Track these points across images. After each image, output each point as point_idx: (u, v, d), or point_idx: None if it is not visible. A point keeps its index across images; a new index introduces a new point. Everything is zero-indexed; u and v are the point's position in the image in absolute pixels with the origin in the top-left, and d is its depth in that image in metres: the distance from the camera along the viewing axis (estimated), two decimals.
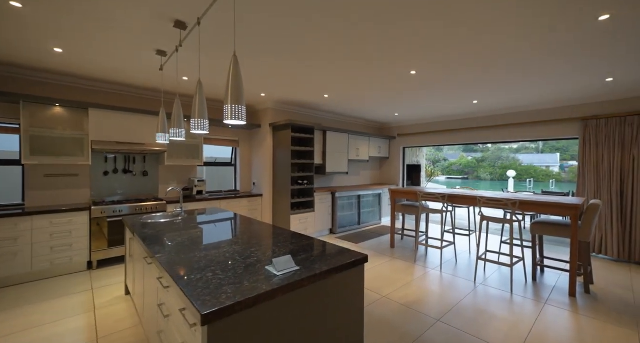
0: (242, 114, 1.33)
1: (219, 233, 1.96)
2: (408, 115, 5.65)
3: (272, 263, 1.34)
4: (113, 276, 3.06)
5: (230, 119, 1.30)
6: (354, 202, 5.49)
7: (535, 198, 3.04)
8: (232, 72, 1.32)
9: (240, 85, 1.33)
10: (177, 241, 1.75)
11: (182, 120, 2.18)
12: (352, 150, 5.77)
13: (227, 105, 1.31)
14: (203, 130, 1.72)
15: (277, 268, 1.26)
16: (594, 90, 3.59)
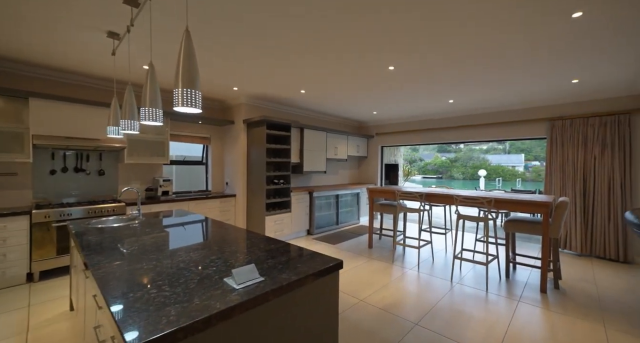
0: (197, 101, 1.13)
1: (178, 240, 1.73)
2: (386, 114, 5.63)
3: (232, 274, 1.16)
4: (59, 288, 2.70)
5: (181, 105, 1.10)
6: (332, 202, 5.37)
7: (509, 196, 3.08)
8: (183, 50, 1.12)
9: (194, 66, 1.13)
10: (125, 249, 1.51)
11: (135, 111, 1.92)
12: (331, 148, 5.65)
13: (177, 89, 1.11)
14: (156, 121, 1.49)
15: (236, 280, 1.08)
16: (561, 91, 3.73)
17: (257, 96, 4.33)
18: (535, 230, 2.83)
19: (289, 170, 4.60)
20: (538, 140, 21.25)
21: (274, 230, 4.32)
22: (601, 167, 3.76)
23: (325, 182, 6.04)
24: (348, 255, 3.85)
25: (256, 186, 4.34)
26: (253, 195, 4.41)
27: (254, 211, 4.40)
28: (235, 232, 1.92)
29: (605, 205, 3.70)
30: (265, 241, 1.71)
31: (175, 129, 4.29)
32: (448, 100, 4.40)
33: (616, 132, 3.66)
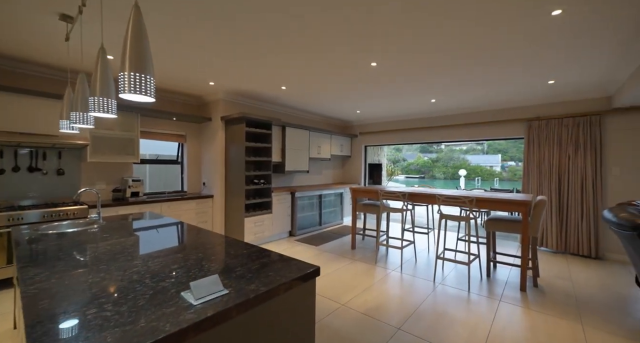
0: (148, 88, 0.97)
1: (138, 247, 1.55)
2: (370, 113, 5.58)
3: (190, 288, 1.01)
4: (6, 303, 2.40)
5: (128, 91, 0.94)
6: (314, 202, 5.25)
7: (489, 195, 3.09)
8: (131, 27, 0.96)
9: (144, 47, 0.97)
10: (72, 260, 1.31)
11: (88, 102, 1.71)
12: (314, 147, 5.53)
13: (123, 73, 0.95)
14: (108, 112, 1.31)
15: (195, 294, 0.93)
16: (537, 92, 3.81)
17: (236, 92, 4.14)
18: (515, 229, 2.85)
19: (269, 170, 4.43)
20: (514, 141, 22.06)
21: (253, 233, 4.14)
22: (575, 166, 3.88)
23: (308, 182, 5.91)
24: (331, 257, 3.75)
25: (235, 186, 4.15)
26: (232, 196, 4.21)
27: (232, 213, 4.20)
28: (206, 237, 1.76)
29: (579, 203, 3.82)
30: (237, 246, 1.56)
31: (147, 126, 4.01)
32: (430, 100, 4.40)
33: (588, 133, 3.78)
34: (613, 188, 3.70)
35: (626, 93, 3.21)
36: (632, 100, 3.34)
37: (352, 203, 4.12)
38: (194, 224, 4.10)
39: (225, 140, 4.32)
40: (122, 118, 3.52)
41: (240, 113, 3.91)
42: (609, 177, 3.72)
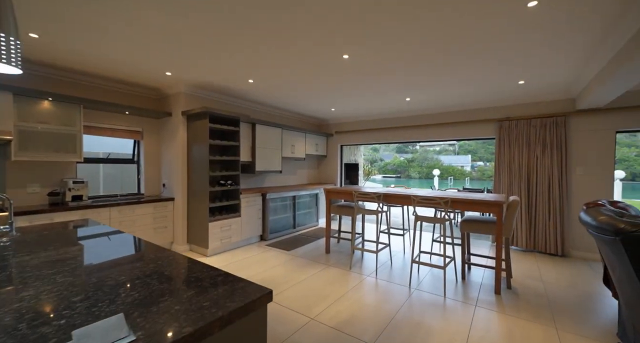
0: (11, 54, 0.68)
1: (40, 271, 1.21)
2: (345, 112, 5.42)
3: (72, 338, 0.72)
4: None
5: None
6: (288, 204, 4.99)
7: (464, 196, 3.02)
8: None
9: None
10: None
11: None
12: (287, 146, 5.27)
13: None
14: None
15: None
16: (508, 92, 3.83)
17: (199, 85, 3.77)
18: (489, 230, 2.79)
19: (238, 170, 4.11)
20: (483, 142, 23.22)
21: (219, 238, 3.80)
22: (542, 166, 3.96)
23: (282, 183, 5.64)
24: (303, 262, 3.51)
25: (198, 188, 3.78)
26: (195, 199, 3.84)
27: (195, 217, 3.83)
28: (141, 252, 1.45)
29: (546, 202, 3.90)
30: (176, 264, 1.28)
31: (93, 120, 3.53)
32: (405, 98, 4.31)
33: (554, 133, 3.87)
34: (577, 187, 3.81)
35: (588, 95, 3.29)
36: (593, 103, 3.44)
37: (326, 205, 3.92)
38: (152, 230, 3.68)
39: (187, 138, 3.93)
40: (59, 110, 3.04)
41: (203, 107, 3.55)
42: (573, 176, 3.83)
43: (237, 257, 3.68)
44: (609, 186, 3.62)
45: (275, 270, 3.25)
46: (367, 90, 3.89)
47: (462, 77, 3.32)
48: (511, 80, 3.37)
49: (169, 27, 2.19)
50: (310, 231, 5.20)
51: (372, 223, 5.99)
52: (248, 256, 3.74)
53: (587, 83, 3.27)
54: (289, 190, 4.89)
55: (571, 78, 3.26)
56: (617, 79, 2.69)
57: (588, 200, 3.73)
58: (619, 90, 3.00)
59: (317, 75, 3.30)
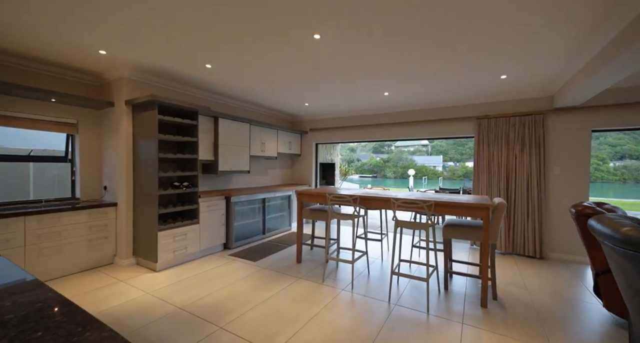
0: None
1: None
2: (320, 107, 5.04)
3: None
4: None
5: None
6: (257, 207, 4.52)
7: (449, 199, 2.75)
8: None
9: None
10: None
11: None
12: (256, 144, 4.79)
13: None
14: None
15: None
16: (489, 88, 3.67)
17: (146, 69, 3.19)
18: (475, 236, 2.54)
19: (196, 170, 3.57)
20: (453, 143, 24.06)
21: (172, 249, 3.25)
22: (521, 165, 3.84)
23: (251, 184, 5.14)
24: (270, 275, 3.08)
25: (147, 191, 3.21)
26: (143, 204, 3.26)
27: (143, 225, 3.25)
28: None
29: (525, 203, 3.79)
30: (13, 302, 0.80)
31: (11, 108, 2.84)
32: (383, 93, 4.02)
33: (533, 132, 3.77)
34: (554, 187, 3.74)
35: (568, 92, 3.19)
36: (571, 101, 3.36)
37: (298, 209, 3.51)
38: (85, 243, 3.06)
39: (132, 132, 3.34)
40: None
41: (150, 95, 2.99)
42: (550, 176, 3.75)
43: (192, 271, 3.16)
44: (584, 186, 3.56)
45: (236, 286, 2.79)
46: (342, 81, 3.54)
47: (443, 71, 3.08)
48: (494, 74, 3.18)
49: None
50: (283, 236, 4.76)
51: (349, 226, 5.68)
52: (206, 269, 3.23)
53: (569, 78, 3.16)
54: (258, 192, 4.42)
55: (554, 72, 3.13)
56: (602, 75, 2.56)
57: (565, 200, 3.66)
58: (601, 86, 2.89)
59: (286, 60, 2.89)
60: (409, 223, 2.59)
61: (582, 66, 2.81)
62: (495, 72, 3.11)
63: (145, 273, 3.09)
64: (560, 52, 2.63)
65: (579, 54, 2.66)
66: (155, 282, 2.87)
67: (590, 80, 2.72)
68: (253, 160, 5.14)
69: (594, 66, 2.59)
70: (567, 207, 3.64)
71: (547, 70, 3.04)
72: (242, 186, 4.96)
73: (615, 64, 2.26)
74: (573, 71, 2.99)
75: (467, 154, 36.67)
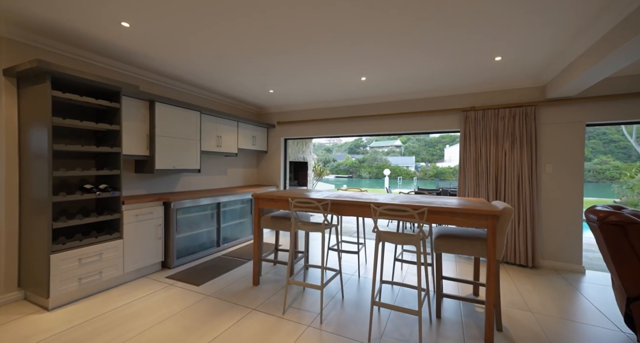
0: None
1: None
2: (287, 96, 4.34)
3: None
4: None
5: None
6: (210, 214, 3.71)
7: (442, 203, 2.19)
8: None
9: None
10: None
11: None
12: (210, 137, 3.97)
13: None
14: None
15: None
16: (481, 72, 3.19)
17: (36, 26, 2.28)
18: (476, 250, 2.00)
19: (118, 168, 2.71)
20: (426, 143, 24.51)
21: (77, 277, 2.37)
22: (511, 163, 3.44)
23: (204, 185, 4.30)
24: (215, 306, 2.32)
25: (38, 196, 2.30)
26: (33, 215, 2.34)
27: (32, 245, 2.33)
28: None
29: (515, 206, 3.39)
30: None
31: None
32: (360, 78, 3.42)
33: (524, 125, 3.38)
34: (546, 188, 3.37)
35: (564, 81, 2.82)
36: (566, 91, 2.98)
37: (254, 217, 2.79)
38: None
39: (18, 114, 2.41)
40: None
41: (36, 61, 2.10)
42: (542, 175, 3.38)
43: (106, 306, 2.31)
44: (578, 186, 3.22)
45: (164, 327, 2.01)
46: (310, 63, 2.88)
47: (430, 50, 2.54)
48: (488, 55, 2.70)
49: None
50: (243, 249, 3.99)
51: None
52: (128, 302, 2.40)
53: (568, 64, 2.77)
54: (211, 195, 3.62)
55: (552, 56, 2.71)
56: (608, 60, 2.19)
57: (557, 202, 3.30)
58: (602, 74, 2.52)
59: (234, 33, 2.16)
60: (394, 237, 1.99)
61: (586, 48, 2.41)
62: (489, 52, 2.62)
63: (32, 313, 2.19)
64: (561, 30, 2.20)
65: (582, 33, 2.25)
66: (42, 327, 2.00)
67: (594, 67, 2.34)
68: (206, 157, 4.32)
69: (599, 49, 2.20)
70: (560, 210, 3.28)
71: (545, 51, 2.61)
72: (194, 188, 4.11)
73: (626, 47, 1.89)
74: (573, 55, 2.59)
75: (437, 155, 37.89)
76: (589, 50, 2.39)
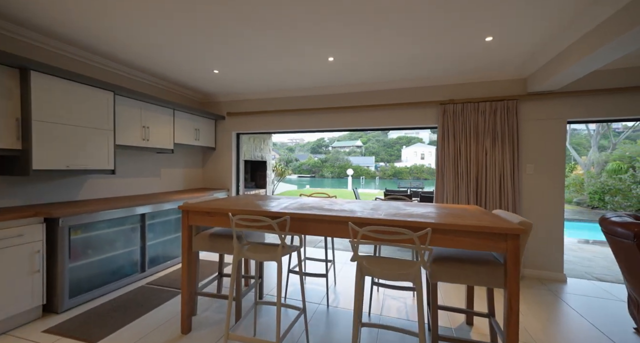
0: None
1: None
2: (236, 78, 3.53)
3: None
4: None
5: None
6: (131, 229, 2.76)
7: (449, 214, 1.64)
8: None
9: None
10: None
11: None
12: (131, 127, 3.00)
13: None
14: None
15: None
16: (467, 58, 2.77)
17: None
18: (489, 280, 1.48)
19: None
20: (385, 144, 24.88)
21: None
22: (492, 163, 3.11)
23: (123, 191, 3.30)
24: None
25: None
26: None
27: None
28: None
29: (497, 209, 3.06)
30: None
31: None
32: (327, 58, 2.79)
33: (505, 121, 3.07)
34: (527, 190, 3.10)
35: (549, 72, 2.56)
36: (550, 84, 2.72)
37: (183, 237, 1.98)
38: None
39: None
40: None
41: None
42: (523, 176, 3.11)
43: None
44: (559, 189, 3.00)
45: None
46: (263, 33, 2.16)
47: (415, 26, 2.01)
48: (479, 33, 2.26)
49: None
50: (171, 275, 3.08)
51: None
52: None
53: (556, 54, 2.47)
54: (132, 205, 2.68)
55: (544, 41, 2.38)
56: (601, 52, 1.96)
57: (538, 206, 3.04)
58: (592, 66, 2.28)
59: None
60: (385, 270, 1.37)
61: (580, 36, 2.13)
62: (481, 30, 2.19)
63: None
64: (556, 13, 1.87)
65: (577, 20, 1.97)
66: None
67: (586, 58, 2.12)
68: (126, 153, 3.31)
69: (594, 37, 1.95)
70: (541, 214, 3.03)
71: (538, 35, 2.27)
72: (107, 195, 3.09)
73: (625, 38, 1.67)
74: (565, 42, 2.28)
75: (395, 155, 39.35)
76: (583, 38, 2.11)
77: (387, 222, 1.50)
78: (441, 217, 1.61)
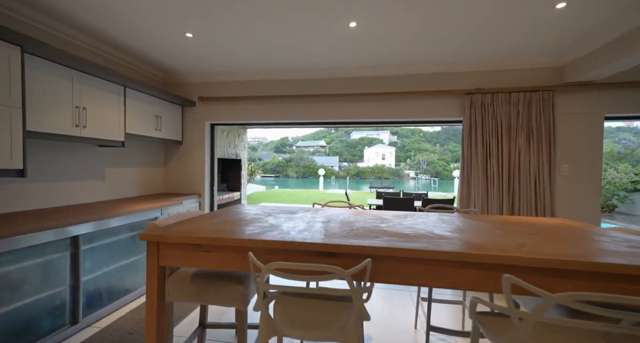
0: None
1: None
2: (216, 45, 2.65)
3: None
4: None
5: None
6: (56, 259, 1.76)
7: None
8: None
9: None
10: None
11: None
12: (55, 107, 1.99)
13: None
14: None
15: None
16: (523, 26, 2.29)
17: None
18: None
19: None
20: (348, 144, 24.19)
21: None
22: (526, 164, 2.72)
23: (42, 202, 2.23)
24: None
25: None
26: None
27: None
28: None
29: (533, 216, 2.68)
30: None
31: None
32: (349, 22, 2.11)
33: (541, 115, 2.70)
34: (560, 193, 2.76)
35: (596, 59, 2.22)
36: (594, 73, 2.40)
37: (148, 281, 1.14)
38: None
39: None
40: None
41: None
42: (557, 177, 2.77)
43: None
44: (594, 194, 2.71)
45: None
46: None
47: None
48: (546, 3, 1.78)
49: None
50: (136, 311, 2.14)
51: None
52: None
53: (611, 40, 2.12)
54: (55, 224, 1.69)
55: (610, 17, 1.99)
56: None
57: (572, 213, 2.72)
58: None
59: None
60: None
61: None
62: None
63: None
64: None
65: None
66: None
67: None
68: (49, 146, 2.25)
69: None
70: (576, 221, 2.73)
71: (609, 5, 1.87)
72: (15, 209, 2.02)
73: None
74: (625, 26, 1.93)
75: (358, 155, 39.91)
76: None
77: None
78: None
